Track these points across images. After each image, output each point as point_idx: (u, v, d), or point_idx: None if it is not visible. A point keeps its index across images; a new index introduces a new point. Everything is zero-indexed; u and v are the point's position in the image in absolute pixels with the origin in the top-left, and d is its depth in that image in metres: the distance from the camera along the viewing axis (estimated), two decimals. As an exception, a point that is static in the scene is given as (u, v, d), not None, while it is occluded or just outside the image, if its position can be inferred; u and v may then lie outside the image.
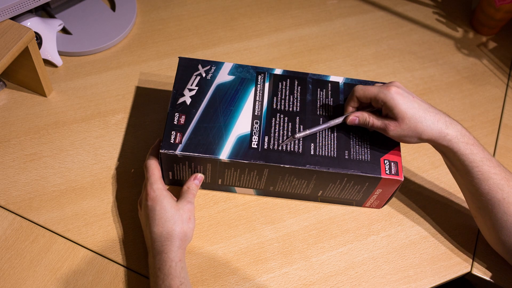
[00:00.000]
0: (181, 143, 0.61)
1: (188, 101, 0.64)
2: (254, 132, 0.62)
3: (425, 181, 0.74)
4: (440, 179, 0.75)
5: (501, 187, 0.59)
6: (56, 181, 0.68)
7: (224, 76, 0.67)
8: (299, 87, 0.67)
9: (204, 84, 0.66)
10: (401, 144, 0.73)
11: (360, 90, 0.61)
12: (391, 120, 0.60)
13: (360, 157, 0.62)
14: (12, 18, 0.70)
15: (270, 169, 0.62)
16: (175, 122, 0.62)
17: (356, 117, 0.62)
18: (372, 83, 0.69)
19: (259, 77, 0.68)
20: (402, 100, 0.58)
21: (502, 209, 0.59)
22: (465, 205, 0.72)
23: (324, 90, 0.68)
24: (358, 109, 0.64)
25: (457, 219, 0.71)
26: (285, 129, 0.63)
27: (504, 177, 0.59)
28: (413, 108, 0.58)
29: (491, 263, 0.67)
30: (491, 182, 0.59)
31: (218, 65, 0.68)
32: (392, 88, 0.59)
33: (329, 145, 0.63)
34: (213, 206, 0.68)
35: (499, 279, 0.66)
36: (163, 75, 0.82)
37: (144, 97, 0.78)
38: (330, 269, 0.65)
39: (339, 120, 0.63)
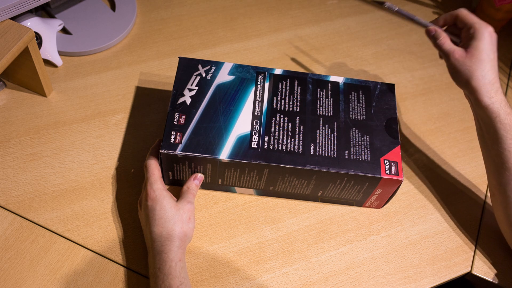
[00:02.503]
0: (181, 143, 0.61)
1: (188, 101, 0.64)
2: (254, 132, 0.62)
3: (425, 181, 0.74)
4: (441, 179, 0.75)
5: None
6: (56, 181, 0.68)
7: (224, 76, 0.67)
8: (299, 87, 0.67)
9: (204, 84, 0.66)
10: (401, 144, 0.73)
11: (465, 11, 0.63)
12: (461, 49, 0.61)
13: (360, 157, 0.62)
14: (12, 18, 0.70)
15: (270, 169, 0.62)
16: (175, 122, 0.62)
17: (434, 29, 0.64)
18: (372, 83, 0.69)
19: (259, 77, 0.68)
20: (488, 42, 0.59)
21: None
22: (466, 205, 0.72)
23: (324, 90, 0.68)
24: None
25: (457, 219, 0.71)
26: (285, 129, 0.63)
27: None
28: (488, 55, 0.59)
29: (491, 263, 0.67)
30: None
31: (218, 65, 0.68)
32: (490, 29, 0.60)
33: (329, 145, 0.63)
34: (213, 206, 0.68)
35: (499, 279, 0.66)
36: (163, 75, 0.82)
37: (144, 97, 0.78)
38: (330, 269, 0.65)
39: (424, 22, 0.66)
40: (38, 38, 0.76)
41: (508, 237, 0.64)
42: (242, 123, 0.63)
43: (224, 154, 0.60)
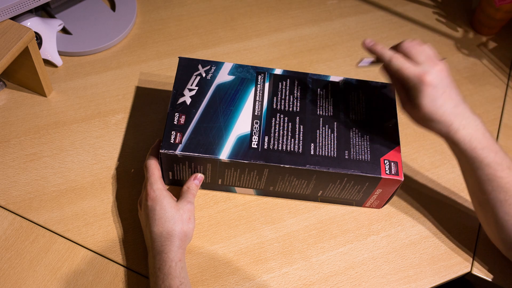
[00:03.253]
0: (181, 143, 0.61)
1: (188, 101, 0.64)
2: (254, 132, 0.62)
3: (425, 181, 0.74)
4: (441, 179, 0.75)
5: (505, 189, 0.58)
6: (56, 181, 0.68)
7: (224, 76, 0.67)
8: (299, 87, 0.67)
9: (204, 84, 0.66)
10: (401, 144, 0.73)
11: (398, 62, 0.57)
12: (409, 103, 0.59)
13: (360, 157, 0.62)
14: (12, 18, 0.70)
15: (270, 169, 0.62)
16: (175, 122, 0.62)
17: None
18: (372, 83, 0.69)
19: (259, 77, 0.68)
20: (428, 98, 0.56)
21: (503, 209, 0.59)
22: (466, 205, 0.72)
23: (324, 90, 0.68)
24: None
25: (457, 219, 0.71)
26: (285, 129, 0.63)
27: (511, 180, 0.58)
28: (433, 107, 0.56)
29: (491, 263, 0.67)
30: (495, 184, 0.58)
31: (218, 65, 0.68)
32: (428, 78, 0.56)
33: (329, 145, 0.63)
34: (213, 206, 0.68)
35: (499, 279, 0.66)
36: (163, 75, 0.82)
37: (144, 97, 0.78)
38: (330, 269, 0.65)
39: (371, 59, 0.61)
40: (38, 38, 0.76)
41: (500, 249, 0.64)
42: (242, 123, 0.63)
43: (224, 154, 0.60)
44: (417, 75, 0.56)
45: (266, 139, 0.62)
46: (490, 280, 0.66)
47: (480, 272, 0.67)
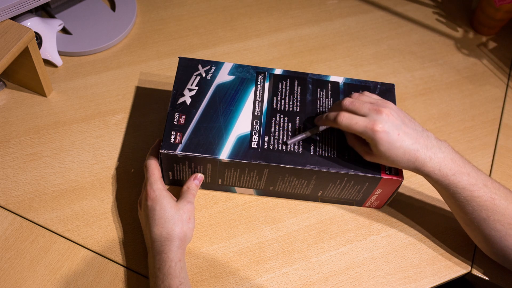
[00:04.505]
0: (181, 143, 0.61)
1: (188, 101, 0.64)
2: (254, 132, 0.62)
3: (425, 181, 0.74)
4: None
5: (485, 207, 0.58)
6: (56, 181, 0.68)
7: (224, 76, 0.67)
8: (299, 87, 0.67)
9: (204, 84, 0.66)
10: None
11: (345, 119, 0.58)
12: (368, 151, 0.60)
13: (360, 157, 0.62)
14: (12, 18, 0.70)
15: (270, 169, 0.62)
16: (175, 122, 0.62)
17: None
18: (372, 83, 0.69)
19: (259, 77, 0.68)
20: (385, 143, 0.56)
21: (488, 226, 0.59)
22: (465, 205, 0.73)
23: (324, 90, 0.68)
24: None
25: (457, 220, 0.71)
26: (285, 129, 0.63)
27: (489, 197, 0.58)
28: (393, 150, 0.57)
29: (491, 263, 0.67)
30: (474, 204, 0.59)
31: (218, 65, 0.68)
32: (379, 127, 0.56)
33: (329, 145, 0.63)
34: (213, 206, 0.68)
35: (499, 279, 0.66)
36: (163, 75, 0.82)
37: (144, 97, 0.78)
38: (330, 269, 0.65)
39: (321, 127, 0.62)
40: (38, 38, 0.76)
41: (497, 261, 0.65)
42: (242, 123, 0.63)
43: (224, 154, 0.60)
44: (368, 126, 0.57)
45: (266, 139, 0.62)
46: (489, 280, 0.66)
47: (480, 272, 0.67)
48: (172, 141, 0.61)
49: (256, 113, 0.64)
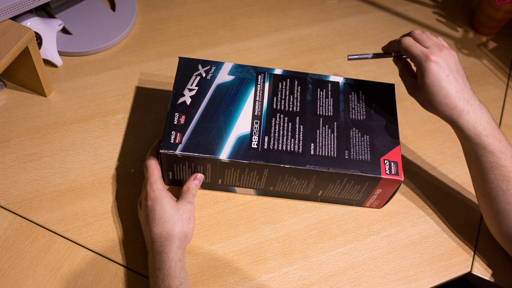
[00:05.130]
0: (181, 143, 0.61)
1: (188, 101, 0.64)
2: (254, 132, 0.62)
3: (425, 181, 0.74)
4: (440, 179, 0.75)
5: (507, 179, 0.59)
6: (56, 181, 0.68)
7: (224, 76, 0.67)
8: (299, 87, 0.67)
9: (204, 84, 0.66)
10: (401, 144, 0.72)
11: (408, 41, 0.61)
12: (415, 85, 0.62)
13: (360, 157, 0.62)
14: (12, 18, 0.70)
15: (270, 169, 0.62)
16: (175, 122, 0.62)
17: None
18: (372, 83, 0.69)
19: (259, 77, 0.68)
20: (432, 76, 0.58)
21: (505, 199, 0.59)
22: (466, 205, 0.73)
23: (324, 90, 0.68)
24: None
25: (457, 219, 0.71)
26: (285, 129, 0.63)
27: None
28: (436, 86, 0.58)
29: (491, 263, 0.67)
30: (498, 172, 0.59)
31: (218, 65, 0.68)
32: (433, 57, 0.58)
33: (329, 145, 0.63)
34: (213, 206, 0.68)
35: (499, 279, 0.66)
36: (163, 75, 0.82)
37: (144, 97, 0.78)
38: (330, 269, 0.65)
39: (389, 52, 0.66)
40: (38, 38, 0.76)
41: (500, 242, 0.64)
42: (242, 123, 0.63)
43: (224, 154, 0.60)
44: (424, 53, 0.59)
45: (266, 139, 0.62)
46: (490, 280, 0.66)
47: (480, 272, 0.67)
48: (172, 141, 0.61)
49: (256, 113, 0.64)
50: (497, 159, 0.59)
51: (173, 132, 0.61)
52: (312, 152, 0.62)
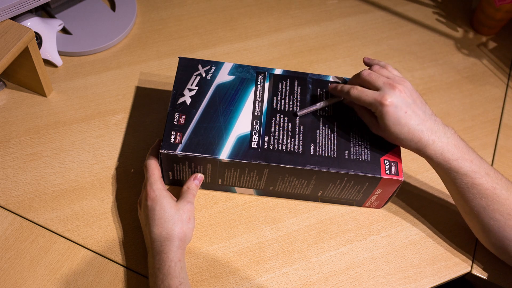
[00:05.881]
0: (181, 143, 0.61)
1: (188, 101, 0.64)
2: (254, 132, 0.62)
3: (425, 181, 0.74)
4: (440, 179, 0.75)
5: (485, 196, 0.59)
6: (56, 181, 0.68)
7: (224, 76, 0.67)
8: (299, 87, 0.67)
9: (204, 84, 0.66)
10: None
11: (357, 91, 0.60)
12: (376, 124, 0.61)
13: (360, 157, 0.62)
14: (12, 18, 0.70)
15: (270, 169, 0.62)
16: (175, 122, 0.62)
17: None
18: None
19: (259, 77, 0.68)
20: (391, 118, 0.58)
21: (487, 215, 0.60)
22: (465, 205, 0.73)
23: (324, 90, 0.68)
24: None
25: (457, 219, 0.71)
26: (285, 129, 0.63)
27: (490, 186, 0.59)
28: (397, 125, 0.58)
29: (491, 263, 0.67)
30: (475, 191, 0.59)
31: (218, 65, 0.68)
32: (388, 101, 0.58)
33: (329, 145, 0.63)
34: (213, 206, 0.68)
35: (499, 279, 0.66)
36: (163, 75, 0.82)
37: (144, 97, 0.78)
38: (330, 269, 0.65)
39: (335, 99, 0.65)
40: (38, 38, 0.76)
41: (494, 253, 0.65)
42: (242, 123, 0.63)
43: (224, 154, 0.60)
44: (377, 99, 0.58)
45: (266, 139, 0.62)
46: (490, 280, 0.66)
47: (480, 272, 0.67)
48: (172, 141, 0.61)
49: (256, 113, 0.64)
50: (472, 179, 0.59)
51: (173, 132, 0.61)
52: (312, 152, 0.62)
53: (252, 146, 0.61)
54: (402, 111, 0.58)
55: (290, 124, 0.64)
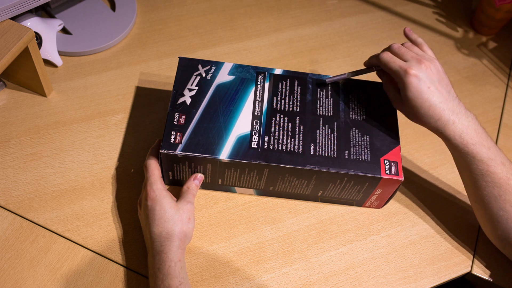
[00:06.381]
0: (181, 143, 0.61)
1: (188, 101, 0.64)
2: (254, 132, 0.62)
3: (425, 181, 0.74)
4: (440, 179, 0.75)
5: (498, 185, 0.59)
6: (56, 181, 0.68)
7: (224, 76, 0.67)
8: (299, 87, 0.67)
9: (204, 84, 0.66)
10: (401, 144, 0.72)
11: (386, 56, 0.61)
12: (399, 100, 0.62)
13: (360, 157, 0.62)
14: (12, 18, 0.70)
15: (270, 169, 0.62)
16: (175, 122, 0.62)
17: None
18: (372, 83, 0.69)
19: (259, 77, 0.68)
20: (413, 89, 0.58)
21: (497, 205, 0.60)
22: (466, 204, 0.72)
23: (324, 90, 0.68)
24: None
25: (457, 219, 0.71)
26: (285, 129, 0.63)
27: (505, 176, 0.59)
28: (419, 99, 0.58)
29: (491, 263, 0.67)
30: (489, 179, 0.59)
31: (218, 65, 0.68)
32: (412, 71, 0.58)
33: (329, 145, 0.63)
34: (213, 206, 0.68)
35: (499, 279, 0.66)
36: (163, 75, 0.82)
37: (144, 97, 0.78)
38: (330, 269, 0.65)
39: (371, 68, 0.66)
40: (38, 38, 0.76)
41: (497, 246, 0.64)
42: (242, 123, 0.63)
43: (224, 154, 0.60)
44: (403, 67, 0.59)
45: (266, 139, 0.62)
46: (490, 280, 0.66)
47: (480, 272, 0.67)
48: (172, 141, 0.61)
49: (256, 113, 0.64)
50: (487, 167, 0.59)
51: (173, 132, 0.61)
52: (312, 152, 0.62)
53: (252, 146, 0.61)
54: (425, 85, 0.58)
55: (290, 124, 0.64)
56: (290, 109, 0.65)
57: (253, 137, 0.62)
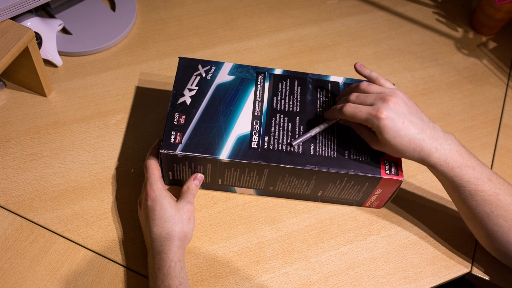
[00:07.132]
0: (181, 143, 0.61)
1: (188, 101, 0.64)
2: (254, 132, 0.62)
3: (425, 181, 0.74)
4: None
5: (489, 202, 0.59)
6: (56, 181, 0.68)
7: (224, 76, 0.67)
8: (299, 87, 0.67)
9: (204, 84, 0.66)
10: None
11: (350, 109, 0.59)
12: (376, 141, 0.60)
13: (360, 157, 0.62)
14: (12, 18, 0.70)
15: (270, 169, 0.62)
16: (175, 122, 0.62)
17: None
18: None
19: (259, 77, 0.68)
20: (390, 131, 0.57)
21: (491, 221, 0.59)
22: (465, 205, 0.73)
23: (324, 90, 0.68)
24: None
25: (457, 220, 0.71)
26: (285, 129, 0.63)
27: (493, 192, 0.58)
28: (398, 138, 0.57)
29: (491, 263, 0.67)
30: (478, 198, 0.59)
31: (218, 65, 0.68)
32: (383, 114, 0.57)
33: (329, 145, 0.63)
34: (213, 206, 0.68)
35: (499, 279, 0.66)
36: (163, 75, 0.82)
37: (144, 97, 0.78)
38: (330, 269, 0.65)
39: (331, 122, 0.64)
40: (38, 38, 0.76)
41: (498, 258, 0.64)
42: (242, 123, 0.63)
43: (224, 154, 0.60)
44: (372, 113, 0.57)
45: (266, 139, 0.62)
46: (490, 280, 0.66)
47: (480, 272, 0.67)
48: (172, 141, 0.61)
49: (256, 113, 0.64)
50: (475, 186, 0.58)
51: (173, 132, 0.61)
52: (312, 152, 0.62)
53: (252, 146, 0.61)
54: (399, 122, 0.57)
55: (290, 124, 0.64)
56: (290, 109, 0.65)
57: (253, 137, 0.62)
